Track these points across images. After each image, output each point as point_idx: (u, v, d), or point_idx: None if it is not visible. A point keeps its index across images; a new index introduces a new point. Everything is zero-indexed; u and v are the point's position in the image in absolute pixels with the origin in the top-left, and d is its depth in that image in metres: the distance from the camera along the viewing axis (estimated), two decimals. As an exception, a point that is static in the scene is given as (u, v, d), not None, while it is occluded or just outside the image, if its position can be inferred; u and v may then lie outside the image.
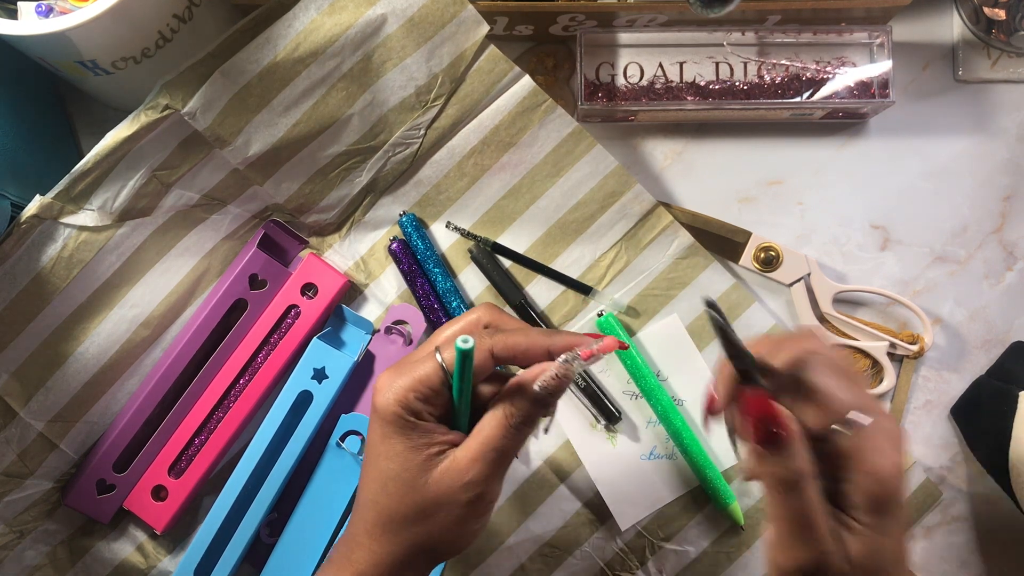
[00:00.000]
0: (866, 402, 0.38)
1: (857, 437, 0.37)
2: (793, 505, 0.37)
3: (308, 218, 0.59)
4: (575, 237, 0.59)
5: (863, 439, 0.37)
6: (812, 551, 0.37)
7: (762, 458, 0.37)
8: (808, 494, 0.37)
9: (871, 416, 0.38)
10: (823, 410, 0.38)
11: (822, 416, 0.38)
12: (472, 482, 0.38)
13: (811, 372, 0.39)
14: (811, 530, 0.36)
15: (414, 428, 0.39)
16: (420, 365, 0.39)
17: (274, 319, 0.58)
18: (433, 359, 0.39)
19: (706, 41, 0.59)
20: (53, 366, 0.54)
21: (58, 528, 0.58)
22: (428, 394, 0.39)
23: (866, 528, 0.37)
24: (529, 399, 0.39)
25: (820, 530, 0.36)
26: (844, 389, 0.38)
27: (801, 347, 0.39)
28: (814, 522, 0.36)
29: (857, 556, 0.37)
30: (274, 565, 0.56)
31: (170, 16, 0.52)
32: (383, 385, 0.39)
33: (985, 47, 0.61)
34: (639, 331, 0.59)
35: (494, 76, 0.57)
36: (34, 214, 0.52)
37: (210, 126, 0.53)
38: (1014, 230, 0.60)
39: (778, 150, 0.62)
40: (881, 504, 0.37)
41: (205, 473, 0.57)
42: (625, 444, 0.58)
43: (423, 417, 0.39)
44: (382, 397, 0.39)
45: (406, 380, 0.39)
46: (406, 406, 0.38)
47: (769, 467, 0.37)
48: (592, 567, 0.58)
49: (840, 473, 0.38)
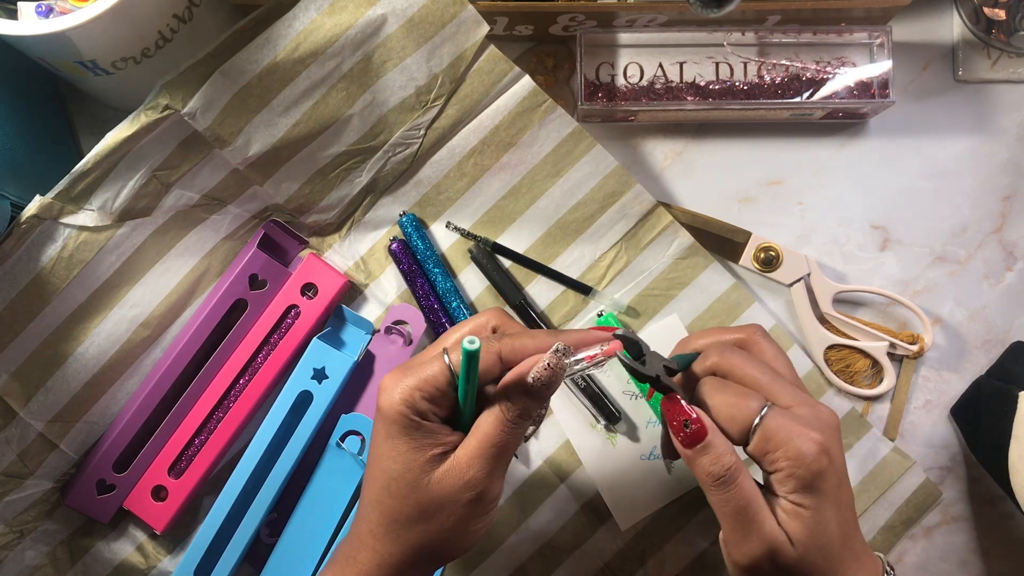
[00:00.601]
0: (780, 392, 0.40)
1: (768, 428, 0.39)
2: (731, 499, 0.39)
3: (308, 218, 0.59)
4: (575, 237, 0.59)
5: (776, 428, 0.39)
6: (760, 541, 0.38)
7: (692, 460, 0.40)
8: (742, 485, 0.39)
9: (786, 403, 0.40)
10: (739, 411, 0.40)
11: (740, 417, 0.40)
12: (472, 480, 0.39)
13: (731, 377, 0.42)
14: (753, 520, 0.39)
15: (418, 428, 0.39)
16: (427, 366, 0.39)
17: (274, 319, 0.58)
18: (440, 360, 0.39)
19: (706, 41, 0.59)
20: (53, 366, 0.54)
21: (58, 528, 0.58)
22: (434, 394, 0.39)
23: (802, 509, 0.38)
24: (523, 392, 0.39)
25: (762, 519, 0.39)
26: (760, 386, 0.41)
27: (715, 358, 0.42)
28: (755, 512, 0.39)
29: (800, 536, 0.38)
30: (274, 565, 0.56)
31: (170, 16, 0.52)
32: (389, 385, 0.39)
33: (985, 47, 0.61)
34: (639, 331, 0.59)
35: (494, 76, 0.57)
36: (34, 214, 0.52)
37: (210, 126, 0.53)
38: (1014, 230, 0.60)
39: (778, 150, 0.62)
40: (809, 484, 0.38)
41: (205, 473, 0.57)
42: (625, 444, 0.58)
43: (428, 418, 0.39)
44: (387, 396, 0.39)
45: (412, 380, 0.39)
46: (411, 406, 0.38)
47: (701, 467, 0.40)
48: (592, 567, 0.58)
49: (766, 466, 0.39)
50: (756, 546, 0.39)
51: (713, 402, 0.41)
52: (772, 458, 0.39)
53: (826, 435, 0.39)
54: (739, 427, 0.40)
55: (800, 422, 0.39)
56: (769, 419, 0.39)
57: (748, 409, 0.39)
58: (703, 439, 0.39)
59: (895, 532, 0.58)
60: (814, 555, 0.38)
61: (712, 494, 0.40)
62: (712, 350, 0.43)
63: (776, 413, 0.39)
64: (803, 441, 0.38)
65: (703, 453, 0.40)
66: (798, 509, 0.38)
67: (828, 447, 0.38)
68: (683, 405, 0.40)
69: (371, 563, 0.40)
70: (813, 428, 0.39)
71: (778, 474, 0.39)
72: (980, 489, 0.59)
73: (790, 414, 0.39)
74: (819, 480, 0.38)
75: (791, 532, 0.39)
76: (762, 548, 0.38)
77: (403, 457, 0.39)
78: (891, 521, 0.58)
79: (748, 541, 0.39)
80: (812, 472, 0.38)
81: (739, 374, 0.41)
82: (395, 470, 0.39)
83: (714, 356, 0.43)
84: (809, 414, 0.39)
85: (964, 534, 0.59)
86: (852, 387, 0.58)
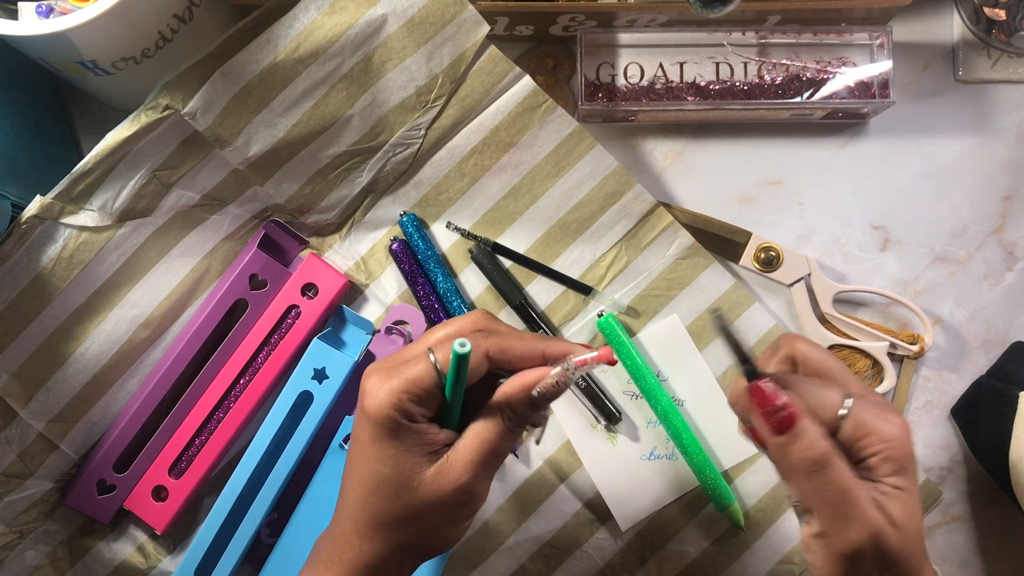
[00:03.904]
0: (851, 382, 0.41)
1: (858, 414, 0.38)
2: (828, 484, 0.38)
3: (308, 218, 0.59)
4: (575, 237, 0.59)
5: (864, 413, 0.38)
6: (863, 527, 0.37)
7: (785, 448, 0.38)
8: (839, 468, 0.38)
9: (860, 392, 0.40)
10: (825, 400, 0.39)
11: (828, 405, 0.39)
12: (465, 484, 0.39)
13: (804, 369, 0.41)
14: (854, 506, 0.37)
15: (407, 430, 0.39)
16: (412, 367, 0.39)
17: (274, 319, 0.58)
18: (426, 360, 0.39)
19: (706, 41, 0.59)
20: (53, 366, 0.54)
21: (58, 528, 0.58)
22: (422, 396, 0.39)
23: (898, 490, 0.38)
24: (525, 403, 0.39)
25: (863, 503, 0.37)
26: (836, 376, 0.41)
27: (788, 347, 0.42)
28: (855, 496, 0.37)
29: (901, 518, 0.38)
30: (274, 565, 0.56)
31: (170, 16, 0.52)
32: (373, 388, 0.39)
33: (985, 47, 0.61)
34: (639, 331, 0.59)
35: (494, 76, 0.57)
36: (34, 214, 0.52)
37: (210, 126, 0.53)
38: (1014, 230, 0.60)
39: (778, 150, 0.62)
40: (902, 465, 0.38)
41: (205, 473, 0.57)
42: (625, 444, 0.58)
43: (416, 419, 0.39)
44: (373, 400, 0.38)
45: (399, 382, 0.38)
46: (400, 409, 0.38)
47: (795, 454, 0.38)
48: (592, 567, 0.58)
49: (857, 452, 0.39)
50: (860, 532, 0.37)
51: (801, 391, 0.39)
52: (865, 443, 0.38)
53: (902, 417, 0.39)
54: (829, 414, 0.39)
55: (882, 407, 0.39)
56: (858, 405, 0.39)
57: (834, 398, 0.39)
58: (794, 423, 0.38)
59: (895, 532, 0.58)
60: (913, 540, 0.38)
61: (808, 481, 0.38)
62: (783, 342, 0.42)
63: (861, 400, 0.39)
64: (892, 425, 0.38)
65: (796, 439, 0.38)
66: (898, 492, 0.38)
67: (908, 428, 0.39)
68: (775, 390, 0.39)
69: (358, 563, 0.40)
70: (894, 411, 0.39)
71: (873, 459, 0.38)
72: (980, 489, 0.59)
73: (871, 401, 0.39)
74: (910, 461, 0.38)
75: (894, 514, 0.38)
76: (867, 533, 0.37)
77: (392, 460, 0.39)
78: (891, 521, 0.58)
79: (851, 528, 0.37)
80: (907, 453, 0.38)
81: (815, 363, 0.41)
82: (384, 473, 0.39)
83: (785, 348, 0.42)
84: (881, 401, 0.40)
85: (964, 534, 0.59)
86: (852, 387, 0.58)
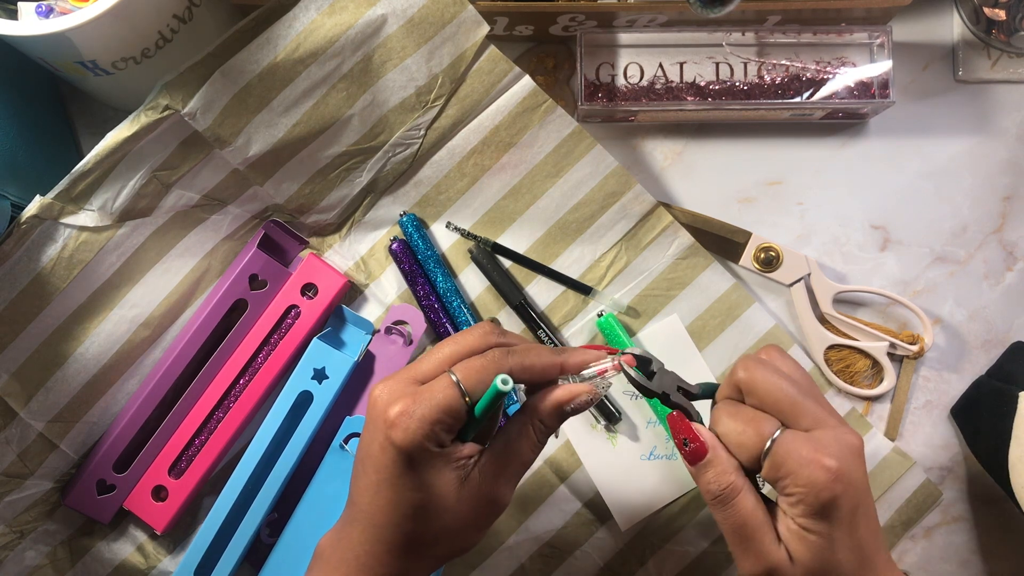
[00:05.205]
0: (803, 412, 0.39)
1: (781, 454, 0.38)
2: (730, 516, 0.40)
3: (308, 218, 0.59)
4: (575, 237, 0.59)
5: (789, 454, 0.38)
6: (759, 562, 0.39)
7: (696, 477, 0.41)
8: (742, 505, 0.39)
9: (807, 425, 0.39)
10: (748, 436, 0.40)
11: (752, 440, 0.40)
12: (498, 495, 0.40)
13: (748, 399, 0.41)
14: (752, 539, 0.39)
15: (439, 456, 0.39)
16: (437, 394, 0.39)
17: (274, 319, 0.58)
18: (451, 387, 0.39)
19: (706, 41, 0.59)
20: (53, 366, 0.54)
21: (58, 528, 0.58)
22: (453, 424, 0.39)
23: (809, 533, 0.38)
24: (557, 417, 0.41)
25: (760, 537, 0.39)
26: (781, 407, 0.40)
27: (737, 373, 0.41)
28: (753, 530, 0.39)
29: (803, 558, 0.38)
30: (274, 565, 0.56)
31: (170, 16, 0.52)
32: (402, 419, 0.38)
33: (985, 47, 0.61)
34: (639, 331, 0.59)
35: (494, 76, 0.57)
36: (34, 214, 0.52)
37: (210, 126, 0.53)
38: (1014, 230, 0.60)
39: (778, 150, 0.62)
40: (819, 509, 0.38)
41: (205, 473, 0.57)
42: (625, 444, 0.58)
43: (445, 444, 0.39)
44: (404, 433, 0.38)
45: (429, 412, 0.38)
46: (433, 439, 0.38)
47: (702, 484, 0.40)
48: (592, 567, 0.58)
49: (779, 488, 0.39)
50: (755, 564, 0.39)
51: (723, 429, 0.41)
52: (782, 484, 0.38)
53: (844, 461, 0.37)
54: (748, 454, 0.39)
55: (815, 447, 0.38)
56: (779, 445, 0.38)
57: (758, 436, 0.39)
58: (703, 457, 0.40)
59: (895, 532, 0.58)
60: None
61: (715, 510, 0.41)
62: (739, 364, 0.42)
63: (788, 438, 0.38)
64: (813, 469, 0.37)
65: (705, 470, 0.40)
66: (804, 533, 0.38)
67: (844, 473, 0.37)
68: (685, 422, 0.41)
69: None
70: (829, 454, 0.37)
71: (788, 499, 0.38)
72: (980, 489, 0.59)
73: (806, 438, 0.38)
74: (830, 508, 0.37)
75: (794, 553, 0.38)
76: (761, 566, 0.39)
77: (425, 487, 0.39)
78: (891, 521, 0.58)
79: (747, 558, 0.39)
80: (821, 501, 0.37)
81: (762, 391, 0.40)
82: (418, 498, 0.39)
83: (740, 371, 0.41)
84: (829, 437, 0.38)
85: (964, 534, 0.59)
86: (852, 387, 0.58)
